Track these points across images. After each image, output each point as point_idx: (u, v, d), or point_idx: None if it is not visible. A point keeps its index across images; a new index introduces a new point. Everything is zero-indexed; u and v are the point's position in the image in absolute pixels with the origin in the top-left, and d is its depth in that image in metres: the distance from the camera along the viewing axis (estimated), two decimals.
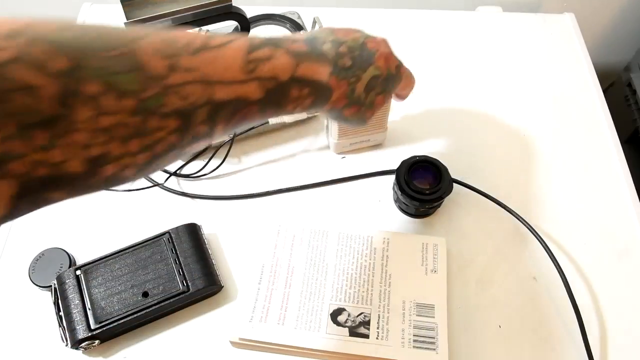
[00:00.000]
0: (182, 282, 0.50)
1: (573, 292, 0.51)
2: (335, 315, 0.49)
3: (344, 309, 0.49)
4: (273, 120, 0.58)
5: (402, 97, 0.49)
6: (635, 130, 0.97)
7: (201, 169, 0.61)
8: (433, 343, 0.48)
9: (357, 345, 0.47)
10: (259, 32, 0.61)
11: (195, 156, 0.63)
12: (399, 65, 0.43)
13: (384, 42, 0.42)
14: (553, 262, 0.53)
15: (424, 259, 0.52)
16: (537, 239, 0.54)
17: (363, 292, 0.50)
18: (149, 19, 0.50)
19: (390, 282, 0.51)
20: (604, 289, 0.53)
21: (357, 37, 0.39)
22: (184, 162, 0.62)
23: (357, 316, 0.49)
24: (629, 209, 0.59)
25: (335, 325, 0.48)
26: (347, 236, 0.54)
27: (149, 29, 0.28)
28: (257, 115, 0.33)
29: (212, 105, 0.29)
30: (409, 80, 0.47)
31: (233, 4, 0.52)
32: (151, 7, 0.49)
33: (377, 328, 0.48)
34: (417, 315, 0.49)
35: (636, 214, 0.59)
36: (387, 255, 0.52)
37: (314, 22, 0.59)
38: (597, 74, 0.71)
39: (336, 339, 0.48)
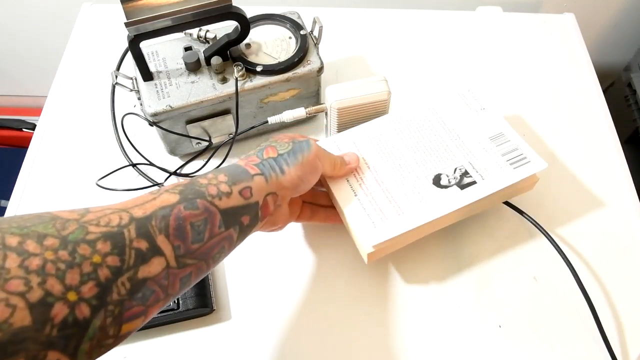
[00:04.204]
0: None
1: (585, 287, 0.50)
2: (437, 181, 0.50)
3: (440, 174, 0.51)
4: (272, 120, 0.58)
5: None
6: (635, 130, 0.97)
7: (201, 168, 0.61)
8: (524, 157, 0.52)
9: (474, 192, 0.49)
10: (259, 32, 0.61)
11: (196, 156, 0.63)
12: None
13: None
14: (562, 257, 0.51)
15: (467, 104, 0.56)
16: (544, 235, 0.52)
17: (443, 153, 0.53)
18: (149, 19, 0.50)
19: (458, 135, 0.54)
20: (604, 289, 0.53)
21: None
22: (183, 162, 0.63)
23: (454, 172, 0.51)
24: (629, 209, 0.59)
25: (443, 189, 0.50)
26: (398, 120, 0.56)
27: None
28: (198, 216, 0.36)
29: (137, 221, 0.32)
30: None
31: (233, 4, 0.52)
32: (151, 7, 0.49)
33: (477, 172, 0.51)
34: (497, 146, 0.53)
35: (636, 214, 0.59)
36: (441, 118, 0.55)
37: (314, 22, 0.59)
38: (597, 74, 0.71)
39: (454, 198, 0.49)
